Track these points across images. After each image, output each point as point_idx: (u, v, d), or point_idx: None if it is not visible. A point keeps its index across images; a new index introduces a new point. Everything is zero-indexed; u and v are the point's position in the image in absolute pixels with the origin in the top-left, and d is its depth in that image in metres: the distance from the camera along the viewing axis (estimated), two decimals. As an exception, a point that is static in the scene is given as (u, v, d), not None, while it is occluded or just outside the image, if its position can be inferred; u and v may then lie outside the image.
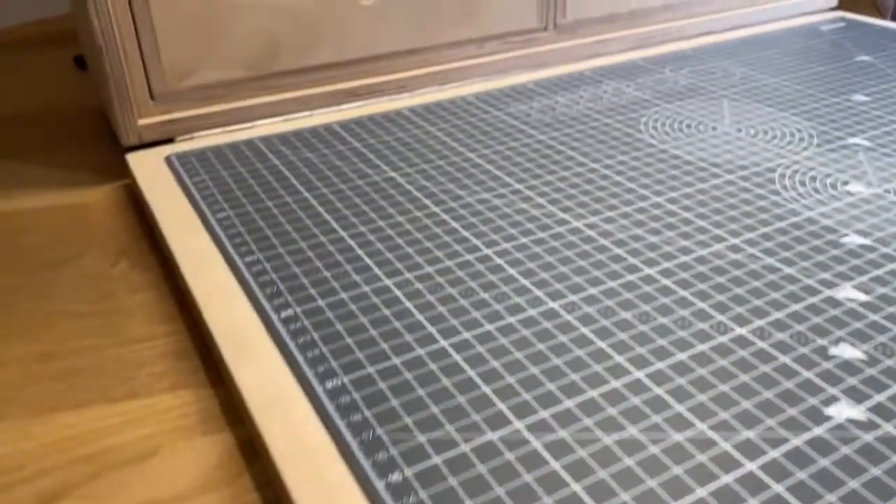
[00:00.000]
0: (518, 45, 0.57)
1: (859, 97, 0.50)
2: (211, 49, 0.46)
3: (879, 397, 0.25)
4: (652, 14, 0.62)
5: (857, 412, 0.25)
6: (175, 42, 0.45)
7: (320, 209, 0.38)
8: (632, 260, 0.33)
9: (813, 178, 0.40)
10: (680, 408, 0.25)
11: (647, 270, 0.32)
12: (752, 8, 0.66)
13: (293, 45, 0.49)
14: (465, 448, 0.24)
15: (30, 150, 0.52)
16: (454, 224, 0.36)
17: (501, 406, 0.25)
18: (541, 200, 0.38)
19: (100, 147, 0.51)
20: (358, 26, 0.50)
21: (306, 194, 0.40)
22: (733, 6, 0.66)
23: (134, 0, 0.43)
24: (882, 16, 0.74)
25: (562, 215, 0.37)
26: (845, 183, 0.39)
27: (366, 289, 0.31)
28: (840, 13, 0.70)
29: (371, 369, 0.27)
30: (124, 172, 0.45)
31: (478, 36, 0.55)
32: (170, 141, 0.47)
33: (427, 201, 0.39)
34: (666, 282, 0.31)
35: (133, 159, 0.44)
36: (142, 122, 0.45)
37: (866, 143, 0.43)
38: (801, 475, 0.22)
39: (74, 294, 0.35)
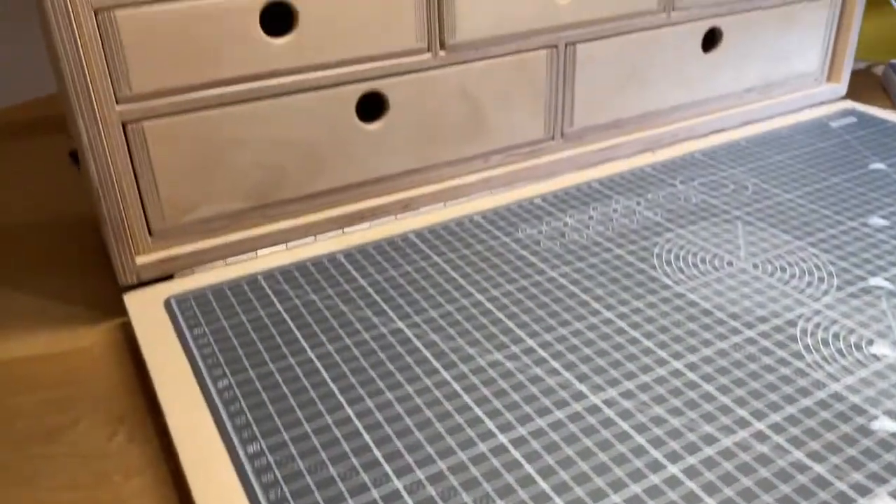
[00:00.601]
0: (524, 157, 0.55)
1: (877, 220, 0.49)
2: (212, 183, 0.45)
3: None
4: (660, 116, 0.60)
5: None
6: (174, 179, 0.43)
7: (325, 374, 0.36)
8: (654, 454, 0.31)
9: (836, 336, 0.38)
10: None
11: (671, 468, 0.31)
12: (762, 103, 0.65)
13: (296, 175, 0.47)
14: None
15: (21, 269, 0.50)
16: (465, 397, 0.35)
17: None
18: (555, 364, 0.37)
19: (95, 270, 0.49)
20: (360, 150, 0.49)
21: (310, 353, 0.38)
22: (742, 102, 0.65)
23: (132, 141, 0.42)
24: (891, 101, 0.73)
25: (578, 386, 0.35)
26: (870, 342, 0.38)
27: (375, 495, 0.30)
28: (849, 103, 0.69)
29: None
30: (121, 308, 0.44)
31: (483, 151, 0.54)
32: (170, 277, 0.45)
33: (437, 363, 0.37)
34: (691, 484, 0.30)
35: (131, 301, 0.43)
36: (140, 260, 0.44)
37: (888, 284, 0.42)
38: None
39: (66, 476, 0.34)
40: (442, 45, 0.49)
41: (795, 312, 0.40)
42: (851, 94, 0.74)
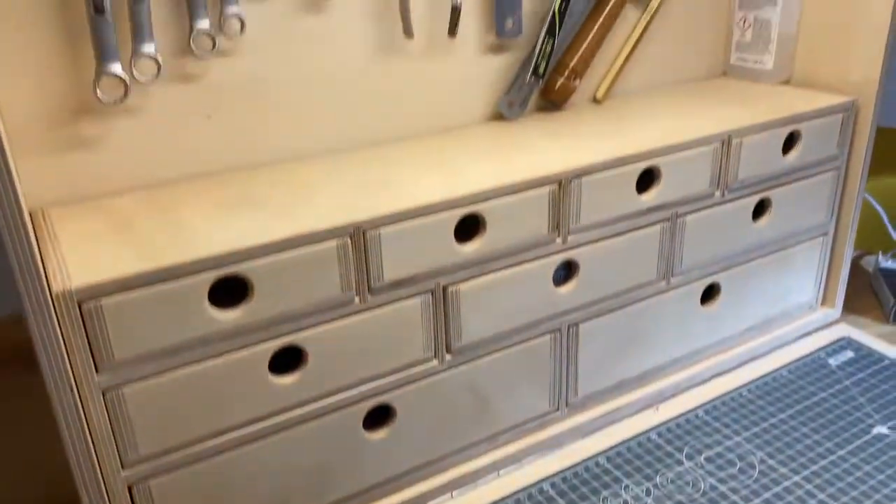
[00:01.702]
0: (530, 431, 0.55)
1: (886, 520, 0.48)
2: (217, 518, 0.44)
3: None
4: (662, 370, 0.61)
5: None
6: (179, 524, 0.42)
7: None
8: None
9: None
10: None
11: None
12: (760, 339, 0.66)
13: (304, 495, 0.46)
14: None
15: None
16: None
17: None
18: None
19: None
20: (368, 459, 0.48)
21: None
22: (741, 342, 0.65)
23: (138, 496, 0.41)
24: (881, 305, 0.74)
25: None
26: None
27: None
28: (844, 328, 0.70)
29: None
30: None
31: (490, 433, 0.53)
32: None
33: None
34: None
35: None
36: None
37: None
38: None
39: None
40: (448, 350, 0.49)
41: None
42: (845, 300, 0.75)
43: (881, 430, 0.57)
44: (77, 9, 0.43)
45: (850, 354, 0.66)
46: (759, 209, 0.61)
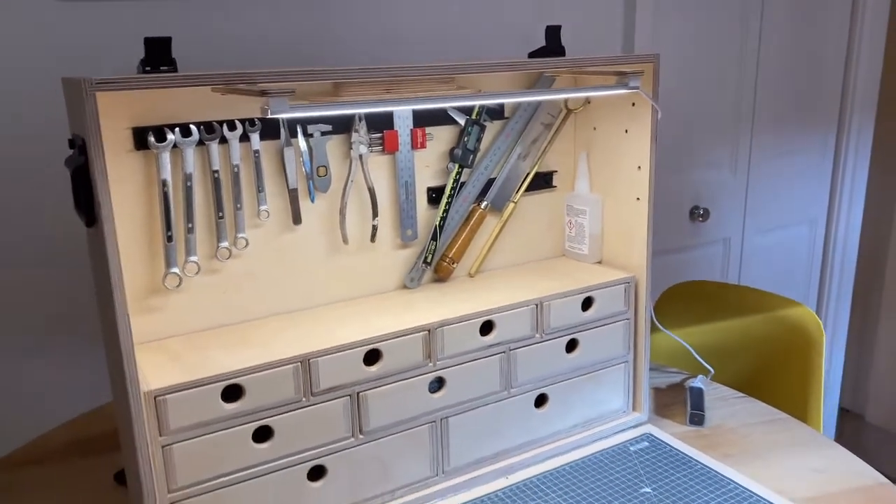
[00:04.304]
0: (418, 489, 0.86)
1: (629, 538, 0.79)
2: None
3: None
4: (510, 451, 0.92)
5: None
6: (196, 531, 0.73)
7: None
8: None
9: None
10: None
11: None
12: (585, 433, 0.98)
13: (269, 516, 0.77)
14: None
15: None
16: None
17: None
18: None
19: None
20: (310, 500, 0.79)
21: None
22: (569, 434, 0.97)
23: None
24: (685, 422, 1.06)
25: None
26: None
27: None
28: (649, 427, 1.01)
29: None
30: None
31: (391, 488, 0.84)
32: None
33: None
34: None
35: None
36: (171, 584, 0.72)
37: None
38: None
39: None
40: (361, 431, 0.81)
41: None
42: (661, 408, 1.07)
43: (646, 489, 0.88)
44: (157, 239, 0.78)
45: (645, 444, 0.98)
46: (571, 345, 0.95)
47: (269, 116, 0.61)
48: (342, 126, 0.86)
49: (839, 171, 2.07)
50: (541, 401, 0.94)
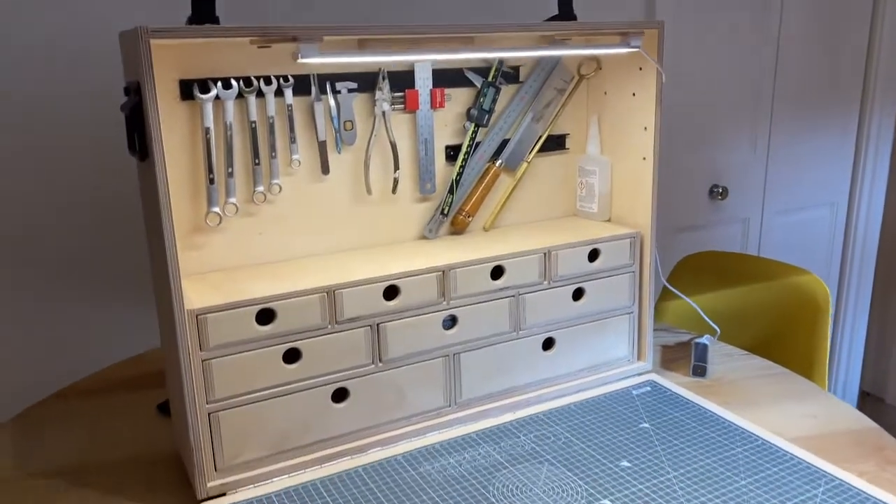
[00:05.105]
0: (431, 417, 0.93)
1: (625, 463, 0.85)
2: (249, 443, 0.83)
3: None
4: (517, 389, 0.99)
5: None
6: (231, 440, 0.81)
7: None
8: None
9: (568, 532, 0.74)
10: None
11: None
12: (591, 377, 1.04)
13: (297, 435, 0.85)
14: None
15: (128, 493, 0.86)
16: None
17: None
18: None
19: (182, 488, 0.85)
20: (333, 419, 0.87)
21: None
22: (576, 378, 1.03)
23: (212, 422, 0.80)
24: (688, 373, 1.11)
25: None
26: (583, 536, 0.73)
27: None
28: (652, 376, 1.08)
29: None
30: (196, 513, 0.80)
31: (406, 415, 0.92)
32: (223, 494, 0.81)
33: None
34: None
35: (203, 509, 0.79)
36: (210, 484, 0.81)
37: (609, 503, 0.78)
38: None
39: None
40: (381, 360, 0.89)
41: (554, 519, 0.76)
42: (667, 362, 1.13)
43: (645, 425, 0.94)
44: (200, 181, 0.87)
45: (647, 389, 1.04)
46: (578, 294, 1.01)
47: (300, 61, 0.69)
48: (367, 84, 0.94)
49: (861, 154, 2.09)
50: (548, 344, 1.01)
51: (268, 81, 0.88)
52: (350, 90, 0.93)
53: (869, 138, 2.08)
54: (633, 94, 1.03)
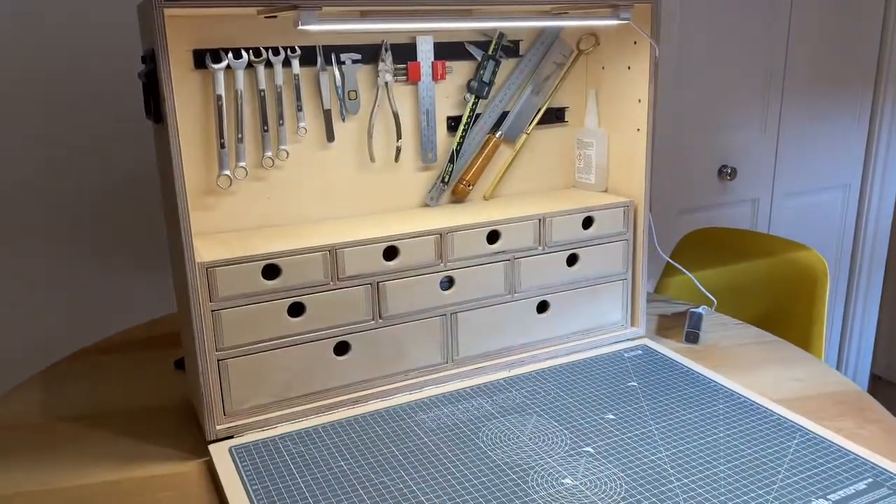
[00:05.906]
0: (428, 373, 0.99)
1: (609, 416, 0.90)
2: (255, 390, 0.88)
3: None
4: (513, 349, 1.04)
5: None
6: (238, 386, 0.87)
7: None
8: (439, 520, 0.71)
9: (552, 475, 0.78)
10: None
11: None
12: (584, 340, 1.08)
13: (300, 384, 0.91)
14: None
15: (141, 434, 0.93)
16: None
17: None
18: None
19: (193, 432, 0.92)
20: (335, 370, 0.93)
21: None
22: (570, 341, 1.08)
23: (221, 368, 0.86)
24: (681, 340, 1.15)
25: (417, 492, 0.76)
26: (563, 478, 0.78)
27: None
28: (645, 341, 1.12)
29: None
30: (206, 452, 0.86)
31: (404, 369, 0.97)
32: (231, 436, 0.87)
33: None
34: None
35: (213, 449, 0.85)
36: (218, 427, 0.87)
37: (591, 450, 0.82)
38: None
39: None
40: (380, 316, 0.94)
41: (537, 462, 0.80)
42: (662, 330, 1.17)
43: (633, 383, 0.98)
44: (212, 145, 0.93)
45: (639, 353, 1.08)
46: (572, 260, 1.06)
47: (300, 27, 0.74)
48: (370, 56, 0.99)
49: (874, 137, 2.10)
50: (542, 307, 1.05)
51: (276, 52, 0.93)
52: (354, 61, 0.98)
53: (882, 118, 2.08)
54: (629, 68, 1.07)
